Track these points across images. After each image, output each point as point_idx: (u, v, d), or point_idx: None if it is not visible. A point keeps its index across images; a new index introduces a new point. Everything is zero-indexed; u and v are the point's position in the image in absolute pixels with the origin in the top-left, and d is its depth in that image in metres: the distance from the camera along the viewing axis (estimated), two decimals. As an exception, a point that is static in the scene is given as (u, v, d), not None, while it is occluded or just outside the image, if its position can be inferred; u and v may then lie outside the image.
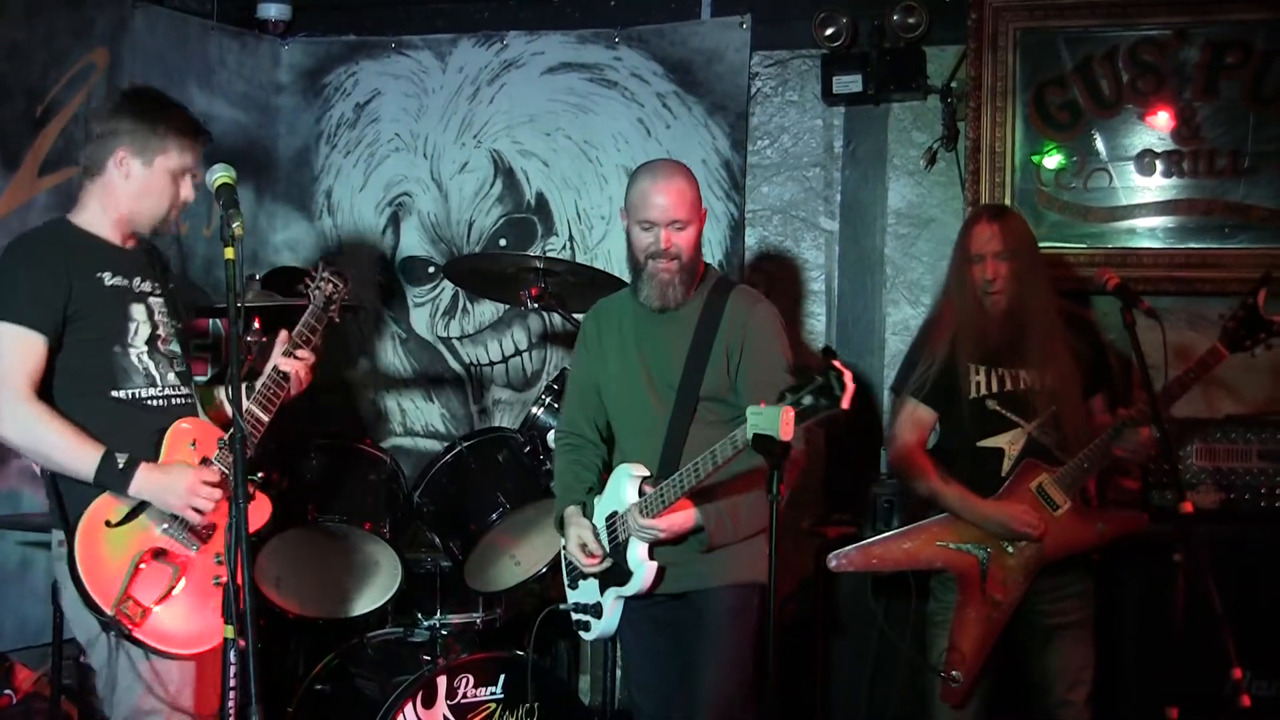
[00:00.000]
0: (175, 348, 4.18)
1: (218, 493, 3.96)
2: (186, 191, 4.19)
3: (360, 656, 5.25)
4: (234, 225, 3.62)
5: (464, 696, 4.99)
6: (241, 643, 3.44)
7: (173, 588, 3.93)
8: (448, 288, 6.83)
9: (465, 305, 6.85)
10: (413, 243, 6.94)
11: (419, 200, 6.93)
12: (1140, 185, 5.92)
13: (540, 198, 6.78)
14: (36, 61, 5.68)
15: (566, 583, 4.66)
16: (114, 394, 4.00)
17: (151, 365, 4.08)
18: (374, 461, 5.40)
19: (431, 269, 6.90)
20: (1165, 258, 5.89)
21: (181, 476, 3.93)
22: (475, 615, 5.11)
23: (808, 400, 3.62)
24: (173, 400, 4.12)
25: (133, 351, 4.04)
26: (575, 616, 4.57)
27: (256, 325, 5.13)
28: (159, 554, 3.93)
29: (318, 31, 7.08)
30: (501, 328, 6.81)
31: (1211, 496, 5.33)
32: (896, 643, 4.97)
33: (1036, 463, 4.71)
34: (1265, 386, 5.63)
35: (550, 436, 4.89)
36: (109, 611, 3.81)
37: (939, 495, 4.82)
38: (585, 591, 4.55)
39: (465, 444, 5.41)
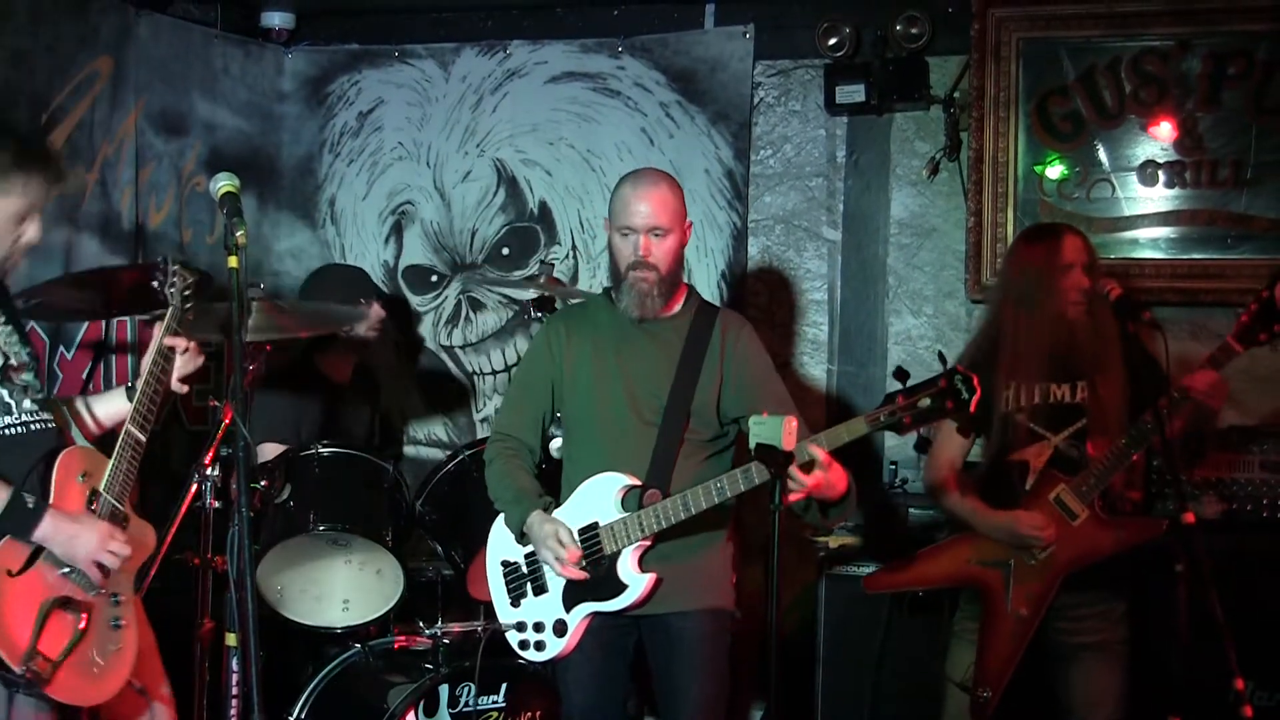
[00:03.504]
0: (28, 376, 3.92)
1: (126, 549, 3.80)
2: (32, 233, 3.85)
3: (362, 665, 5.24)
4: (238, 234, 3.58)
5: (466, 705, 4.98)
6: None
7: (80, 637, 3.68)
8: (450, 296, 6.84)
9: (468, 314, 6.86)
10: (415, 251, 6.95)
11: (422, 209, 6.94)
12: (1143, 196, 5.94)
13: (543, 207, 6.79)
14: (41, 69, 5.69)
15: (507, 600, 4.49)
16: None
17: (4, 394, 3.81)
18: (376, 470, 5.40)
19: (434, 278, 6.91)
20: (1168, 268, 5.90)
21: (91, 529, 3.73)
22: (477, 624, 5.09)
23: (926, 403, 3.76)
24: (31, 427, 3.85)
25: None
26: (521, 637, 4.42)
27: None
28: (64, 602, 3.67)
29: (321, 40, 7.10)
30: (504, 336, 6.81)
31: (1214, 507, 5.33)
32: (945, 675, 4.91)
33: (1055, 474, 4.65)
34: (1268, 397, 5.63)
35: (554, 445, 4.85)
36: (18, 670, 3.53)
37: (955, 509, 4.80)
38: (535, 609, 4.40)
39: (467, 453, 5.40)
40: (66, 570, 3.71)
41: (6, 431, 3.80)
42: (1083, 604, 4.65)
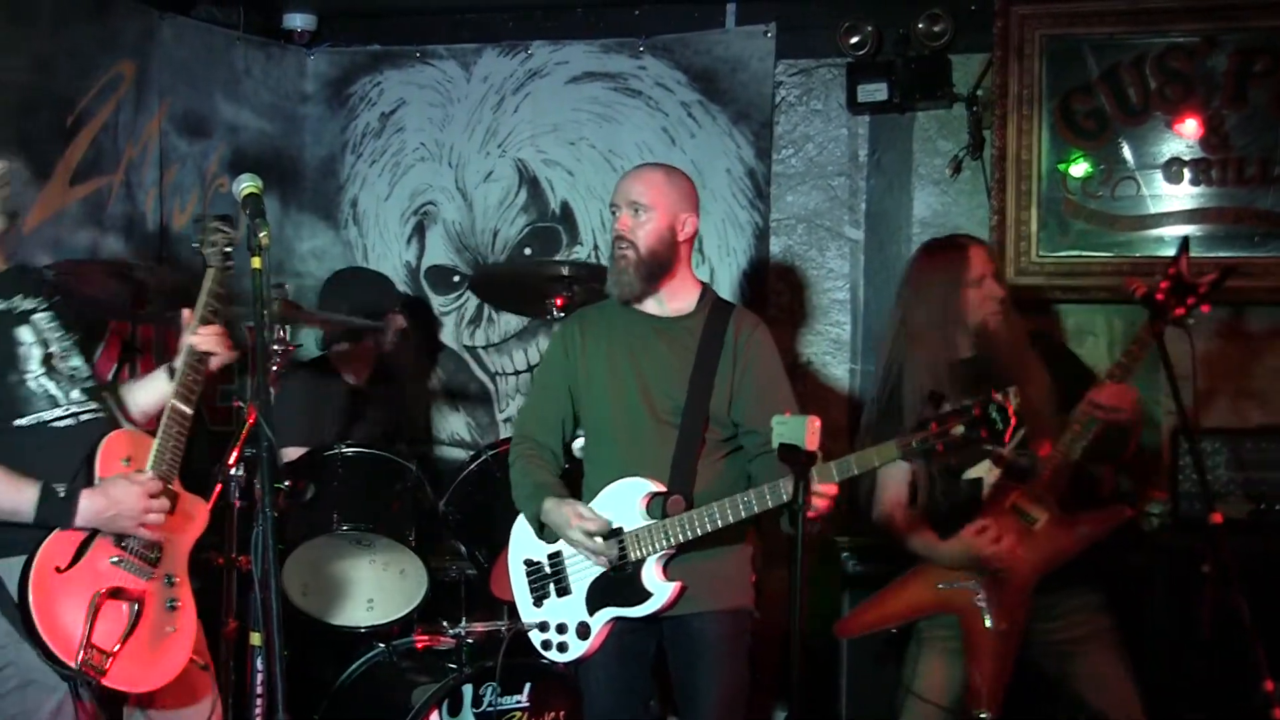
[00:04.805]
0: (75, 362, 3.93)
1: (167, 502, 3.79)
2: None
3: (386, 664, 5.25)
4: (261, 235, 3.60)
5: (490, 704, 4.98)
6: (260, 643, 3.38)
7: (134, 625, 3.70)
8: (472, 297, 6.84)
9: (490, 314, 6.86)
10: (438, 252, 6.96)
11: (444, 209, 6.94)
12: (1168, 193, 5.91)
13: (565, 207, 6.79)
14: (65, 72, 5.71)
15: (529, 600, 4.47)
16: (17, 424, 3.76)
17: (51, 386, 3.82)
18: (400, 470, 5.40)
19: (456, 278, 6.92)
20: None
21: (126, 493, 3.71)
22: (501, 623, 5.10)
23: (959, 431, 3.74)
24: (80, 418, 3.86)
25: (28, 377, 3.80)
26: (544, 637, 4.40)
27: (281, 334, 5.12)
28: (115, 592, 3.69)
29: (343, 41, 7.10)
30: (526, 337, 6.81)
31: (1241, 507, 5.29)
32: (904, 684, 4.81)
33: (1008, 483, 4.55)
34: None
35: (576, 446, 4.85)
36: (73, 665, 3.57)
37: (910, 545, 4.65)
38: (558, 610, 4.39)
39: (490, 453, 5.40)
40: (116, 559, 3.71)
41: (57, 424, 3.81)
42: (1058, 602, 4.53)
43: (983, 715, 4.53)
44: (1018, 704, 4.61)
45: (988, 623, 4.53)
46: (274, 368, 4.88)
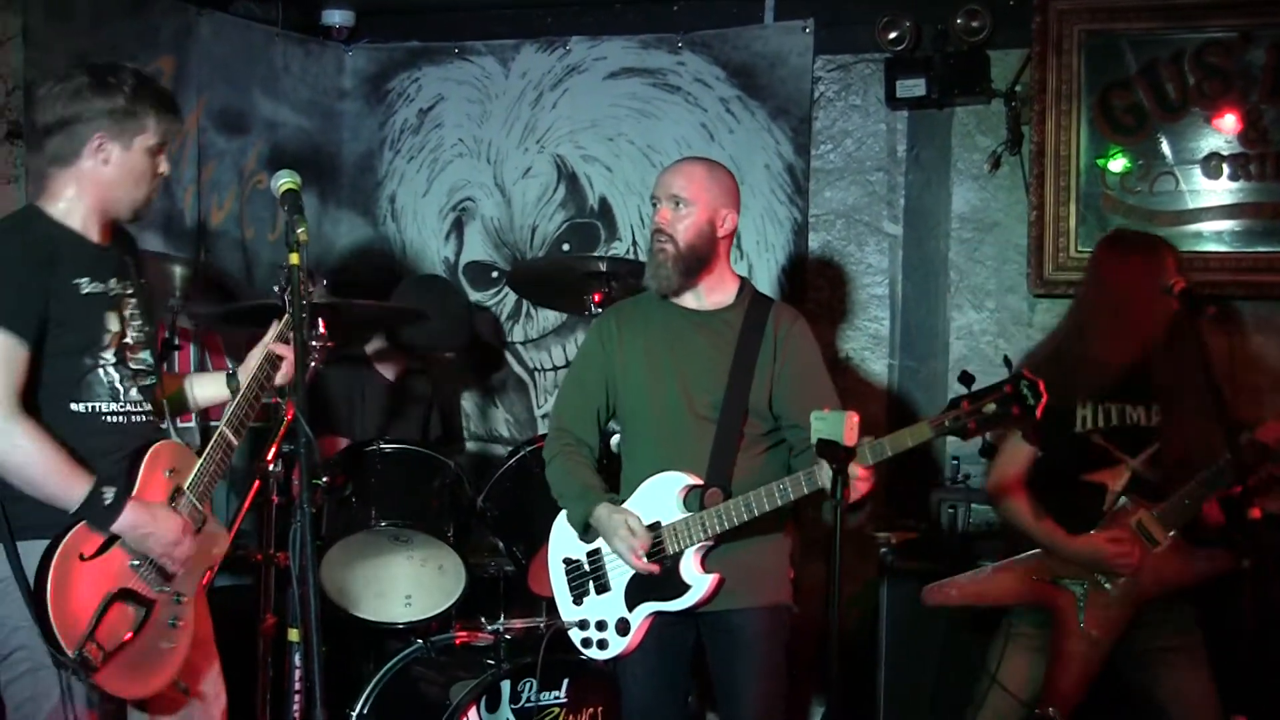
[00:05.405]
0: (145, 355, 3.93)
1: (197, 546, 3.84)
2: (164, 166, 3.93)
3: (424, 660, 5.26)
4: (298, 231, 3.60)
5: (528, 700, 4.99)
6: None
7: (137, 631, 3.70)
8: (511, 293, 6.84)
9: (529, 310, 6.87)
10: (476, 248, 6.97)
11: (482, 205, 6.95)
12: (1206, 189, 5.87)
13: (603, 203, 6.79)
14: (104, 69, 5.73)
15: (569, 598, 4.48)
16: (72, 406, 3.75)
17: (116, 378, 3.82)
18: (438, 466, 5.41)
19: (495, 274, 6.93)
20: (1232, 261, 5.83)
21: (167, 524, 3.74)
22: (539, 619, 5.11)
23: (991, 409, 3.72)
24: (132, 417, 3.86)
25: (101, 363, 3.79)
26: (584, 635, 4.42)
27: (322, 330, 5.12)
28: (127, 593, 3.69)
29: (381, 38, 7.12)
30: (565, 332, 6.82)
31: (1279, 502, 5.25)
32: (993, 675, 4.79)
33: (1136, 498, 4.53)
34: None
35: (614, 441, 4.85)
36: (71, 654, 3.54)
37: (1031, 532, 4.64)
38: (597, 607, 4.40)
39: (529, 449, 5.40)
40: (136, 563, 3.72)
41: (108, 419, 3.81)
42: (1157, 608, 4.55)
43: (1053, 711, 4.52)
44: (1093, 712, 4.62)
45: (1081, 624, 4.53)
46: (312, 364, 4.89)
